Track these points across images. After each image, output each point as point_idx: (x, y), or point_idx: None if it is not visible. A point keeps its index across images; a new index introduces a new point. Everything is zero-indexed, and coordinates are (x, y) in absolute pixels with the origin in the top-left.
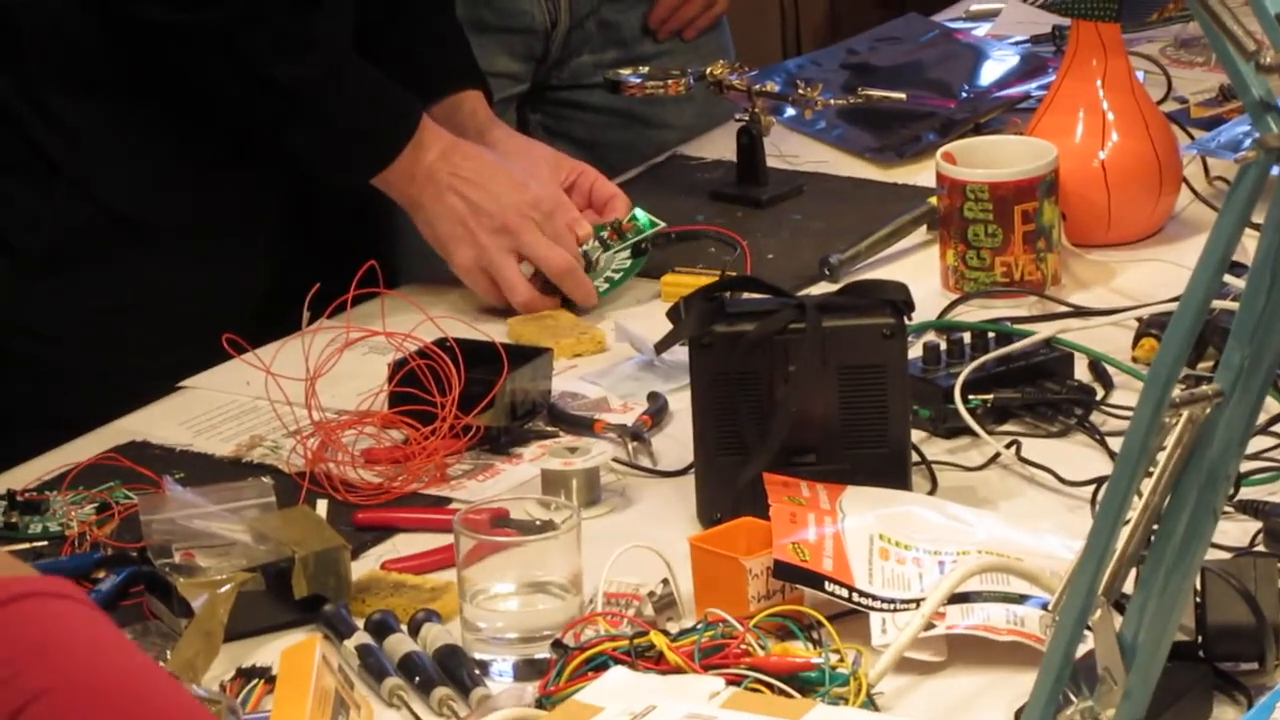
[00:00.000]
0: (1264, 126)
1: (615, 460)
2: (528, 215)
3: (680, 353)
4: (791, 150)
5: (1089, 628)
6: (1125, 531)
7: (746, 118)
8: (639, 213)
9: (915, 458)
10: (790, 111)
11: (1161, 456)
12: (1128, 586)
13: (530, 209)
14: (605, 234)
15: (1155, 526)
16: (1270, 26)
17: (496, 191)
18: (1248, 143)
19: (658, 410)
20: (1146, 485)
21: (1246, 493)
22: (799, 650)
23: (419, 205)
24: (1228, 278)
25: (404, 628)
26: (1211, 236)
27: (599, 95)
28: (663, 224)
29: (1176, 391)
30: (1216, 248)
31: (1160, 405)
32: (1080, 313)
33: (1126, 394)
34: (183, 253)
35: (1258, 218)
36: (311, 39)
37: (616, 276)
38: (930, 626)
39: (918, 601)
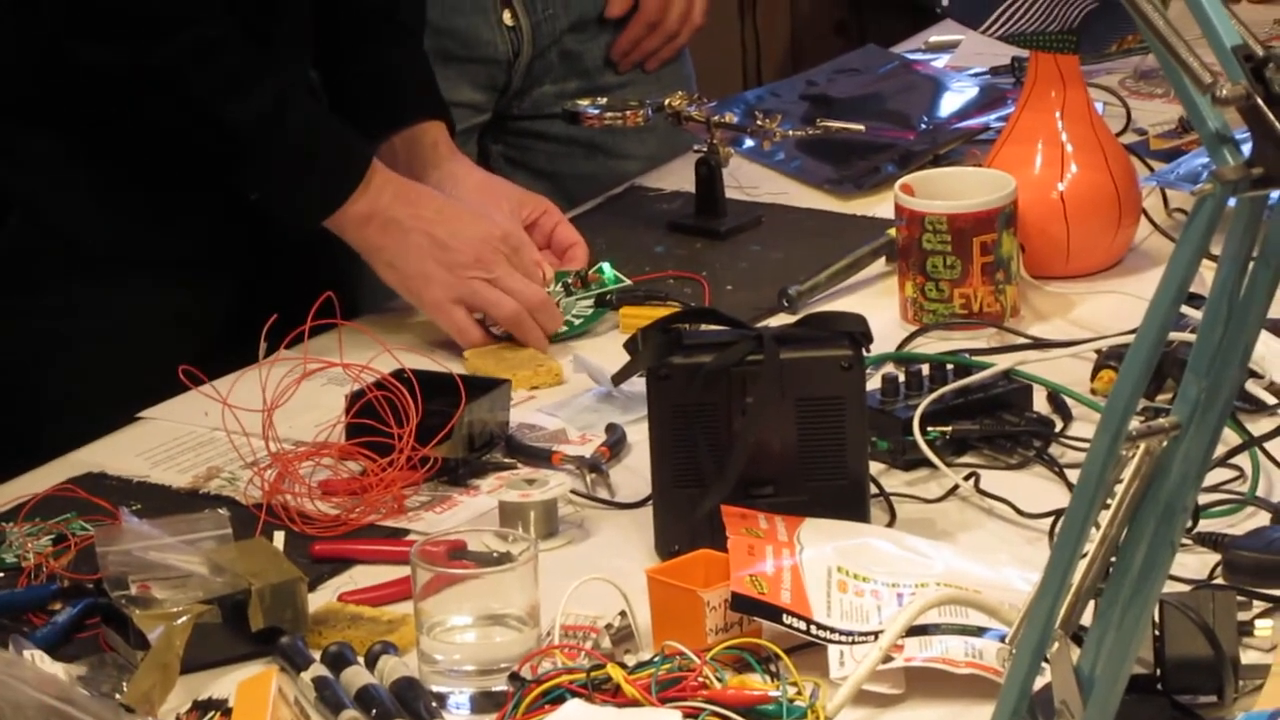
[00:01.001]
0: (1220, 159)
1: (573, 492)
2: (497, 249)
3: (639, 384)
4: (750, 181)
5: (1046, 660)
6: (1083, 564)
7: (705, 149)
8: (606, 267)
9: (874, 490)
10: (749, 143)
11: (1119, 489)
12: (1086, 619)
13: (499, 242)
14: (570, 280)
15: (1113, 559)
16: (1226, 59)
17: (461, 227)
18: (1205, 175)
19: (616, 442)
20: (1104, 517)
21: (1205, 525)
22: (756, 683)
23: (379, 248)
24: (1186, 309)
25: (361, 660)
26: (1168, 268)
27: (560, 125)
28: (627, 280)
29: (1134, 424)
30: (1173, 279)
31: (1117, 437)
32: (1039, 344)
33: (1085, 426)
34: (140, 282)
35: (1216, 249)
36: (259, 79)
37: (577, 322)
38: (888, 659)
39: (876, 634)
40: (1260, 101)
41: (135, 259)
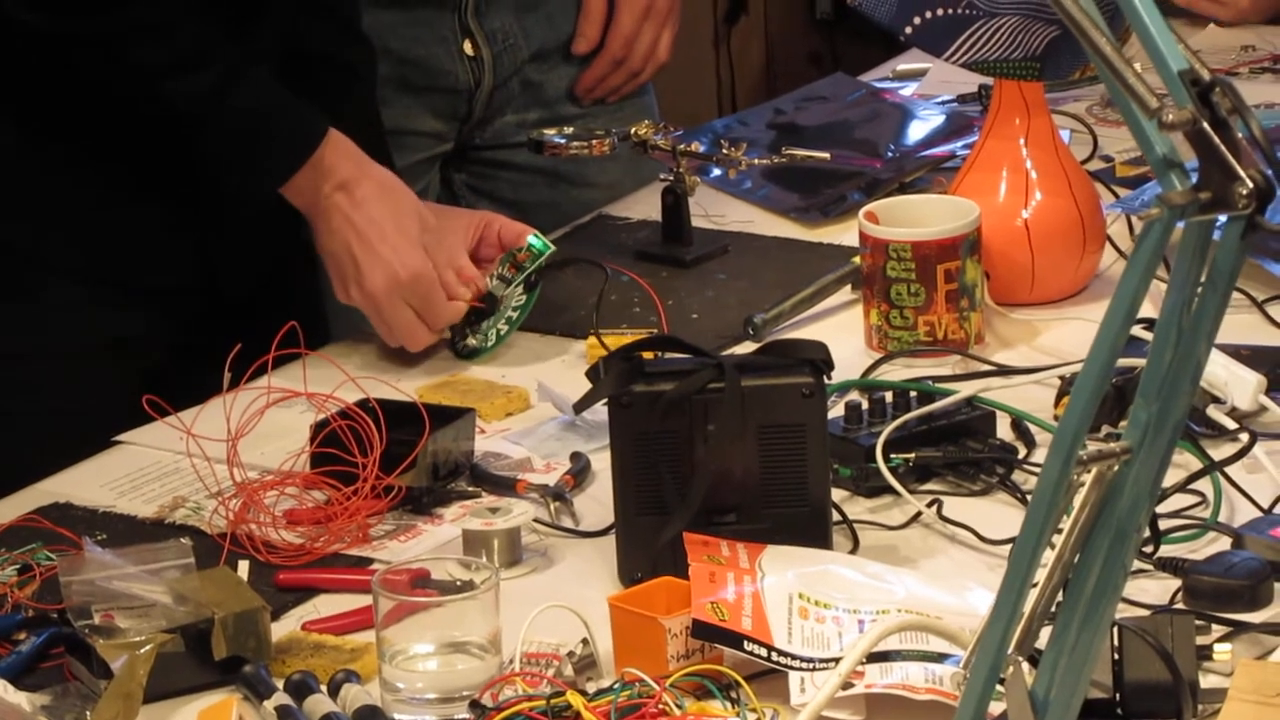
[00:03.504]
0: (1168, 184)
1: (537, 520)
2: (395, 292)
3: (603, 412)
4: (717, 210)
5: (1002, 684)
6: (1036, 588)
7: (672, 178)
8: (533, 238)
9: (836, 517)
10: (716, 171)
11: (1071, 512)
12: (1042, 642)
13: (400, 286)
14: (504, 269)
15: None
16: (1172, 84)
17: (377, 258)
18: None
19: (580, 470)
20: (1058, 540)
21: (1167, 550)
22: (716, 709)
23: (315, 229)
24: (1144, 334)
25: (324, 688)
26: (1117, 293)
27: (523, 154)
28: (554, 248)
29: (1086, 448)
30: (1122, 303)
31: (1068, 462)
32: (1003, 371)
33: (1047, 452)
34: (106, 306)
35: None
36: (208, 55)
37: (514, 315)
38: (849, 685)
39: (837, 660)
40: (1206, 126)
41: (101, 281)
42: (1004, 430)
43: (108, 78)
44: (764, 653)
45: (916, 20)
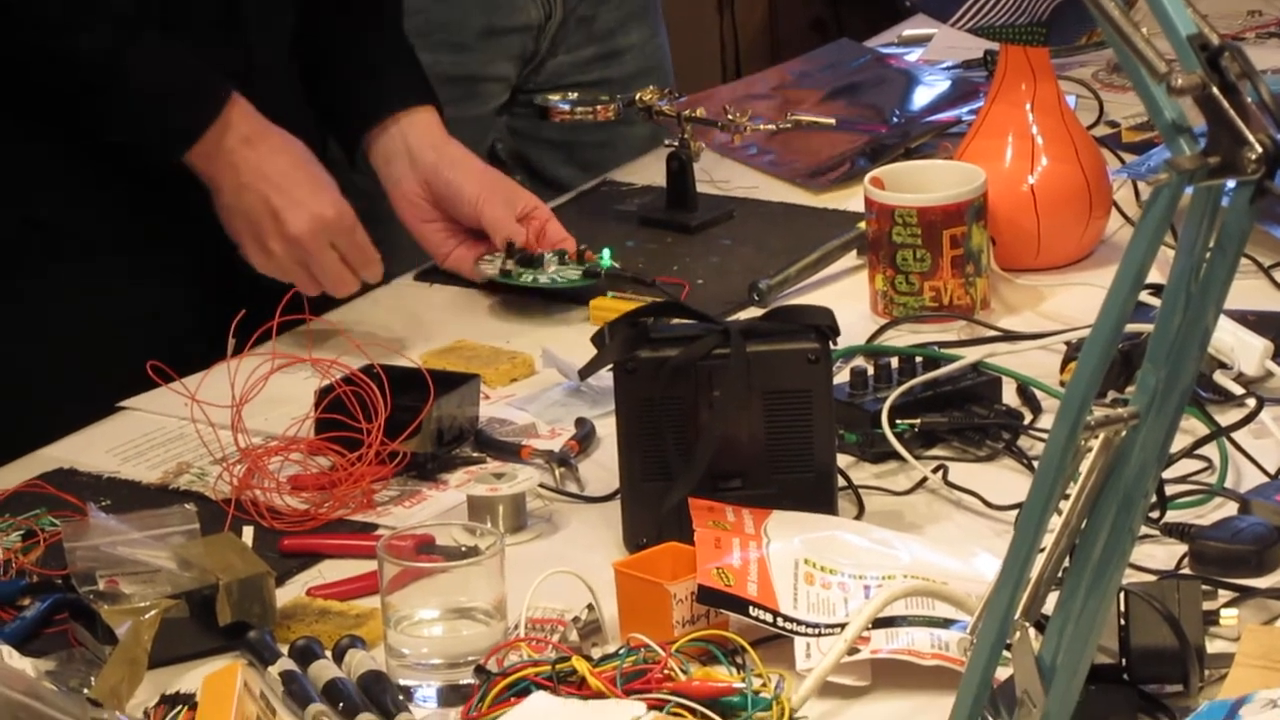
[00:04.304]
0: (1176, 148)
1: (542, 486)
2: (322, 233)
3: (608, 378)
4: (722, 176)
5: (1009, 650)
6: (1044, 553)
7: (676, 144)
8: (606, 253)
9: (842, 482)
10: (721, 137)
11: (1079, 478)
12: (1049, 608)
13: (327, 226)
14: (566, 255)
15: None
16: (1181, 49)
17: (297, 200)
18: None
19: (585, 436)
20: (1065, 506)
21: (1173, 516)
22: (722, 675)
23: (218, 189)
24: (1152, 300)
25: (328, 654)
26: (1125, 259)
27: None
28: (620, 266)
29: (1094, 413)
30: (1130, 270)
31: (1075, 427)
32: (1009, 337)
33: (1054, 418)
34: (113, 275)
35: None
36: (100, 11)
37: (560, 281)
38: (854, 651)
39: (842, 626)
40: (1215, 90)
41: (109, 250)
42: (1010, 396)
43: (8, 41)
44: (769, 618)
45: None
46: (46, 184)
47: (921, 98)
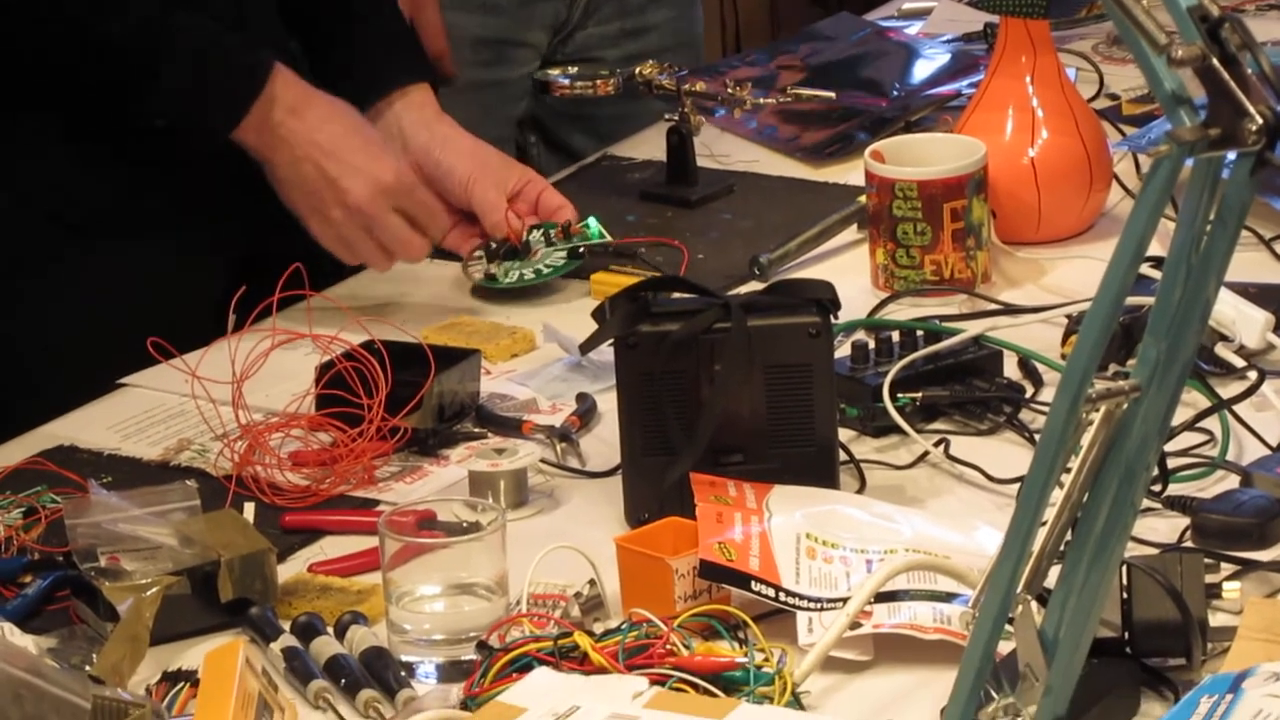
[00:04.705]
0: (1177, 120)
1: (543, 461)
2: (384, 197)
3: (609, 353)
4: (722, 150)
5: (1011, 623)
6: (1045, 526)
7: (677, 117)
8: (592, 221)
9: (844, 456)
10: (721, 111)
11: (1080, 451)
12: (1051, 582)
13: (388, 190)
14: (553, 232)
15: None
16: (1181, 19)
17: (354, 167)
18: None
19: (586, 411)
20: (1067, 479)
21: (1175, 489)
22: (724, 650)
23: (271, 164)
24: (1153, 272)
25: (330, 630)
26: (1125, 231)
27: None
28: (609, 237)
29: (1095, 386)
30: (1130, 242)
31: (1076, 400)
32: (1010, 310)
33: (1055, 391)
34: (115, 254)
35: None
36: None
37: (546, 270)
38: (856, 625)
39: (844, 600)
40: (1216, 62)
41: (109, 228)
42: (1011, 369)
43: (48, 38)
44: (771, 593)
45: None
46: (40, 167)
47: (921, 71)
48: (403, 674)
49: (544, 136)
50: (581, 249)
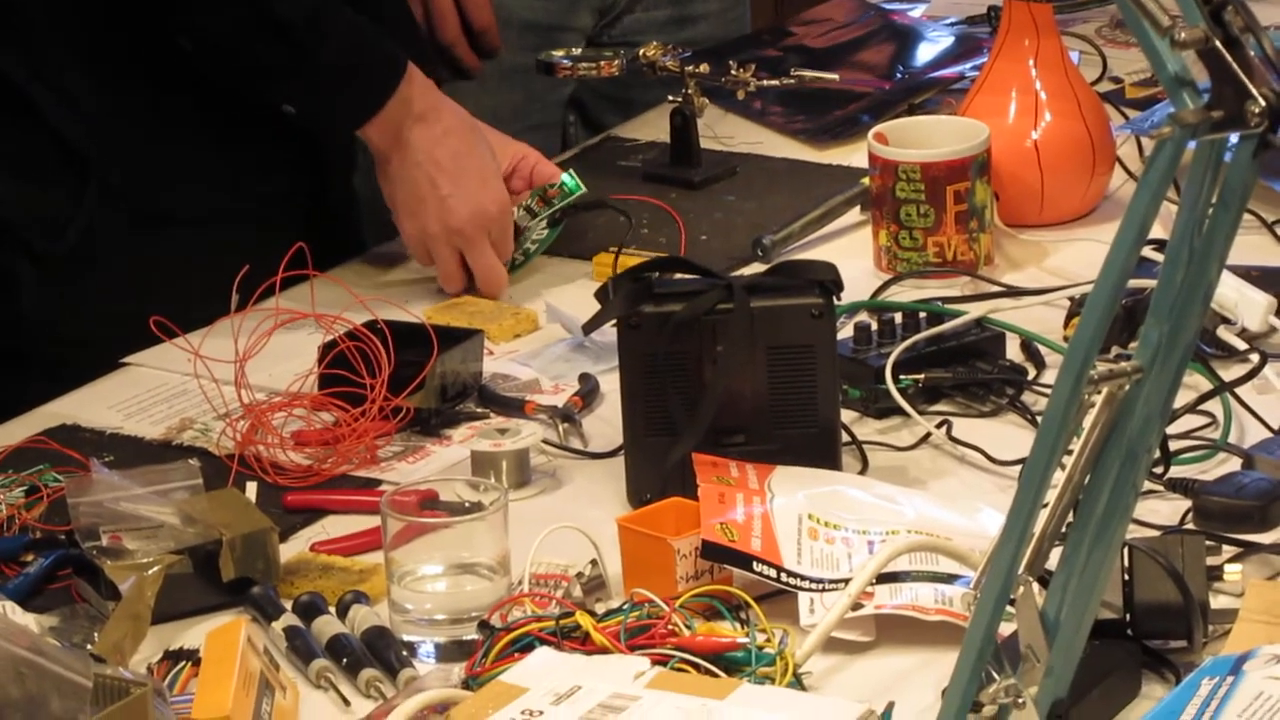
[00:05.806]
0: (1180, 102)
1: (545, 442)
2: (483, 226)
3: (612, 333)
4: (725, 131)
5: (1013, 604)
6: (1047, 508)
7: (680, 99)
8: (566, 177)
9: (846, 438)
10: (724, 93)
11: (1082, 433)
12: (1053, 564)
13: (489, 220)
14: (533, 203)
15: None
16: (1184, 2)
17: (465, 191)
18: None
19: (588, 391)
20: (1069, 461)
21: (1177, 471)
22: (726, 630)
23: (387, 160)
24: (1155, 255)
25: (332, 609)
26: (1128, 213)
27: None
28: (585, 189)
29: (1097, 367)
30: (1133, 224)
31: (1078, 381)
32: (1012, 292)
33: (1057, 373)
34: (198, 245)
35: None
36: None
37: (532, 247)
38: (858, 606)
39: (846, 581)
40: (1219, 44)
41: (197, 220)
42: (1013, 351)
43: (217, 18)
44: (773, 574)
45: None
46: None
47: (925, 54)
48: (404, 653)
49: (582, 115)
50: (559, 215)
